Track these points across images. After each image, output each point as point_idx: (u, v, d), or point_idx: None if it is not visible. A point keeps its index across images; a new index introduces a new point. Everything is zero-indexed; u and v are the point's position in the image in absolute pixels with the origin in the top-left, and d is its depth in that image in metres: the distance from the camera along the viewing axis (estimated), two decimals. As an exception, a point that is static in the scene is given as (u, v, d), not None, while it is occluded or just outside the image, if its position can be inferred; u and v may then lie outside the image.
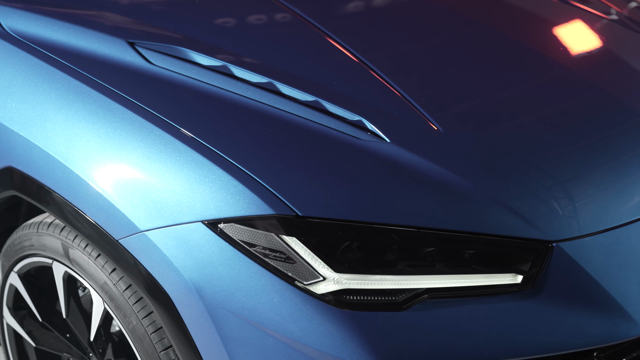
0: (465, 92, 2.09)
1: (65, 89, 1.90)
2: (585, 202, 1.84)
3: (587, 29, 2.59)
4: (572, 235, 1.78)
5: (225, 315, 1.68)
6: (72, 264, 1.95)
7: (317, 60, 2.08)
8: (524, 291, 1.72)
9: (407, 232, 1.68)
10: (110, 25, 2.10)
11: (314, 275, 1.65)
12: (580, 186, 1.86)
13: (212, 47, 2.04)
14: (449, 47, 2.31)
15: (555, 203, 1.80)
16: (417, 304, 1.66)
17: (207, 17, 2.24)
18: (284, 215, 1.65)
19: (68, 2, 2.21)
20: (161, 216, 1.72)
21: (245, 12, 2.28)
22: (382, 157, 1.78)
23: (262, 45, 2.12)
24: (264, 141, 1.78)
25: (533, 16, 2.62)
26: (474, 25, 2.47)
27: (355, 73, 2.03)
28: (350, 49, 2.11)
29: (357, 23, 2.34)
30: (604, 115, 2.11)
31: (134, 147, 1.78)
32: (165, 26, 2.13)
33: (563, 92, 2.18)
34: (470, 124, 1.95)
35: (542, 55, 2.33)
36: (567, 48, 2.43)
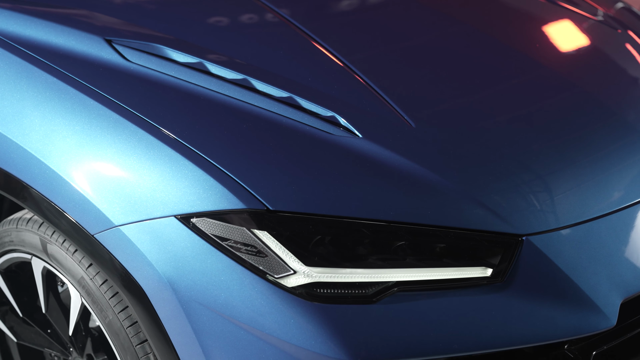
0: (441, 89, 2.11)
1: (43, 86, 1.92)
2: (556, 197, 1.86)
3: (572, 29, 2.61)
4: (542, 229, 1.80)
5: (198, 309, 1.70)
6: (51, 259, 1.97)
7: (292, 57, 2.10)
8: (493, 284, 1.74)
9: (377, 226, 1.70)
10: (88, 23, 2.11)
11: (285, 269, 1.67)
12: (550, 181, 1.88)
13: (190, 44, 2.06)
14: (427, 46, 2.33)
15: (525, 197, 1.82)
16: (387, 297, 1.68)
17: (186, 16, 2.26)
18: (255, 210, 1.67)
19: (46, 0, 2.23)
20: (135, 211, 1.74)
21: (223, 11, 2.30)
22: (354, 152, 1.80)
23: (239, 42, 2.14)
24: (237, 137, 1.80)
25: (519, 16, 2.64)
26: (454, 24, 2.49)
27: (331, 70, 2.05)
28: (327, 47, 2.13)
29: (334, 22, 2.36)
30: (580, 113, 2.13)
31: (109, 143, 1.80)
32: (143, 24, 2.15)
33: (540, 91, 2.20)
34: (444, 120, 1.97)
35: (525, 55, 2.35)
36: (547, 47, 2.45)
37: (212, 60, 2.00)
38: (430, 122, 1.93)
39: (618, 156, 2.01)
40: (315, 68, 2.06)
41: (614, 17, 2.74)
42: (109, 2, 2.27)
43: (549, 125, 2.05)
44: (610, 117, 2.14)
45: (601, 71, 2.38)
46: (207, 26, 2.22)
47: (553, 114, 2.10)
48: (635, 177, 1.99)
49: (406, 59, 2.22)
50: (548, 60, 2.37)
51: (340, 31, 2.28)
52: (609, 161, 1.98)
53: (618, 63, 2.46)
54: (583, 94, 2.22)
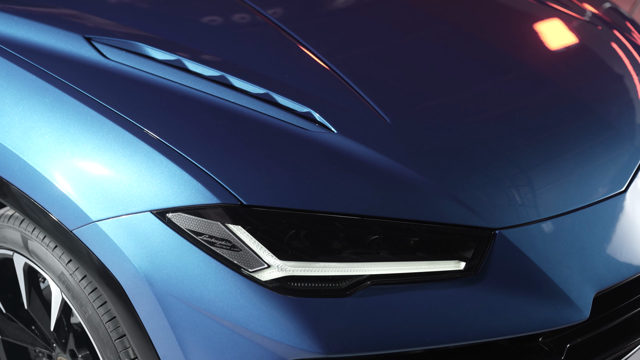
0: (418, 86, 2.12)
1: (22, 84, 1.94)
2: (529, 191, 1.88)
3: (551, 27, 2.62)
4: (515, 222, 1.82)
5: (174, 303, 1.72)
6: (31, 255, 1.99)
7: (270, 54, 2.11)
8: (466, 277, 1.76)
9: (350, 220, 1.72)
10: (68, 21, 2.13)
11: (259, 263, 1.69)
12: (524, 176, 1.90)
13: (169, 42, 2.08)
14: (407, 44, 2.34)
15: (498, 191, 1.84)
16: (360, 290, 1.70)
17: (164, 13, 2.28)
18: (229, 204, 1.69)
19: None
20: (112, 206, 1.76)
21: (202, 9, 2.31)
22: (328, 147, 1.82)
23: (218, 40, 2.16)
24: (213, 132, 1.82)
25: (504, 16, 2.65)
26: (436, 23, 2.51)
27: (307, 66, 2.07)
28: (305, 44, 2.14)
29: (313, 20, 2.38)
30: (557, 110, 2.14)
31: (87, 140, 1.81)
32: (123, 22, 2.16)
33: (518, 88, 2.21)
34: (419, 116, 1.98)
35: (504, 53, 2.37)
36: (530, 46, 2.46)
37: (190, 57, 2.01)
38: (406, 118, 1.95)
39: (593, 152, 2.03)
40: (292, 65, 2.07)
41: (597, 15, 2.76)
42: (89, 1, 2.28)
43: (524, 121, 2.06)
44: (587, 114, 2.15)
45: (581, 69, 2.40)
46: (186, 24, 2.23)
47: (530, 110, 2.12)
48: (609, 173, 2.01)
49: (385, 57, 2.24)
50: (528, 58, 2.39)
51: (319, 29, 2.30)
52: (584, 157, 2.00)
53: (599, 61, 2.48)
54: (560, 91, 2.23)
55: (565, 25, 2.63)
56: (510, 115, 2.08)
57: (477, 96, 2.13)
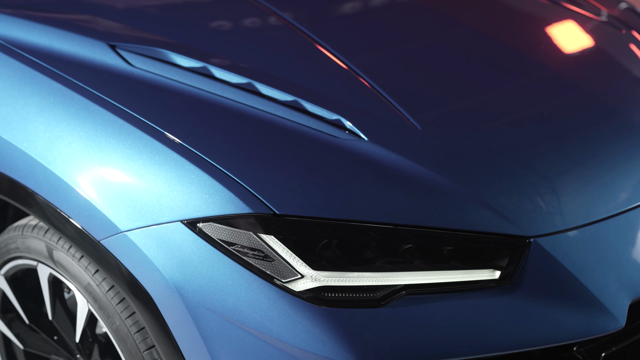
0: (445, 91, 2.10)
1: (47, 92, 1.92)
2: (563, 198, 1.85)
3: (575, 30, 2.60)
4: (550, 230, 1.79)
5: (206, 314, 1.69)
6: (57, 265, 1.96)
7: (296, 61, 2.09)
8: (501, 287, 1.73)
9: (384, 229, 1.69)
10: (92, 28, 2.11)
11: (292, 273, 1.66)
12: (557, 182, 1.88)
13: (193, 48, 2.06)
14: (431, 48, 2.32)
15: (532, 199, 1.82)
16: (395, 300, 1.67)
17: (188, 20, 2.26)
18: (261, 214, 1.67)
19: (49, 6, 2.23)
20: (141, 216, 1.73)
21: (226, 14, 2.29)
22: (360, 155, 1.80)
23: (243, 46, 2.14)
24: (243, 141, 1.79)
25: (522, 18, 2.63)
26: (461, 27, 2.49)
27: (335, 73, 2.05)
28: (330, 49, 2.12)
29: (337, 24, 2.35)
30: (585, 114, 2.13)
31: (114, 149, 1.79)
32: (146, 29, 2.14)
33: (545, 92, 2.19)
34: (449, 121, 1.96)
35: (525, 56, 2.35)
36: (551, 48, 2.44)
37: (216, 64, 1.99)
38: (436, 124, 1.93)
39: (624, 157, 2.00)
40: (319, 71, 2.05)
41: (617, 17, 2.74)
42: (112, 7, 2.26)
43: (554, 126, 2.04)
44: (615, 118, 2.13)
45: (605, 71, 2.38)
46: (210, 30, 2.21)
47: (558, 115, 2.10)
48: (642, 178, 1.99)
49: (410, 61, 2.22)
50: (552, 61, 2.37)
51: (344, 34, 2.27)
52: (615, 162, 1.97)
53: (622, 63, 2.46)
54: (588, 95, 2.22)
55: (588, 28, 2.61)
56: (538, 118, 2.05)
57: (503, 100, 2.11)
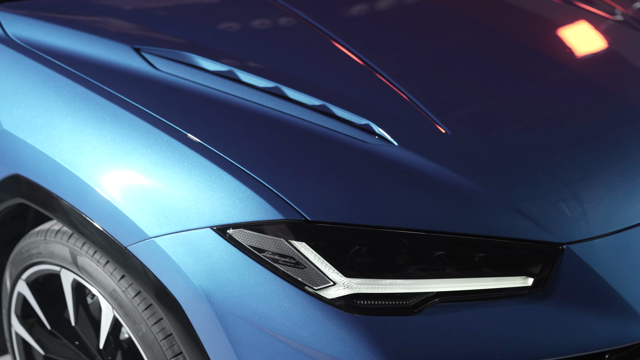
0: (472, 94, 2.08)
1: (72, 96, 1.90)
2: (595, 204, 1.83)
3: (592, 30, 2.58)
4: (582, 237, 1.77)
5: (236, 322, 1.67)
6: (81, 271, 1.94)
7: (323, 64, 2.07)
8: (534, 294, 1.71)
9: (416, 236, 1.67)
10: (116, 32, 2.09)
11: (324, 280, 1.64)
12: (589, 188, 1.86)
13: (218, 52, 2.04)
14: (454, 50, 2.30)
15: (564, 205, 1.80)
16: (428, 308, 1.65)
17: (212, 22, 2.24)
18: (293, 220, 1.65)
19: (72, 9, 2.21)
20: (169, 222, 1.71)
21: (250, 17, 2.27)
22: (390, 160, 1.77)
23: (268, 49, 2.12)
24: (272, 146, 1.77)
25: (537, 18, 2.61)
26: (478, 27, 2.47)
27: (362, 76, 2.03)
28: (356, 52, 2.10)
29: (362, 26, 2.33)
30: (611, 116, 2.10)
31: (142, 154, 1.77)
32: (170, 32, 2.12)
33: (569, 94, 2.17)
34: (478, 126, 1.94)
35: (547, 57, 2.33)
36: (572, 49, 2.42)
37: (242, 68, 1.97)
38: (465, 129, 1.90)
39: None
40: (346, 75, 2.03)
41: (633, 17, 2.72)
42: (135, 10, 2.24)
43: (582, 129, 2.02)
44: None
45: (627, 72, 2.36)
46: (235, 34, 2.19)
47: (584, 117, 2.08)
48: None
49: (433, 63, 2.20)
50: (573, 62, 2.35)
51: (369, 36, 2.25)
52: None
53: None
54: (611, 97, 2.19)
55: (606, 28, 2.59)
56: (565, 122, 2.03)
57: (529, 102, 2.08)
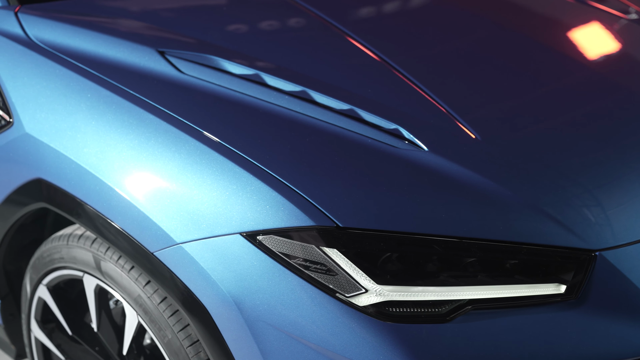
0: (497, 97, 2.06)
1: (96, 100, 1.88)
2: (627, 209, 1.81)
3: (610, 30, 2.57)
4: (615, 243, 1.75)
5: (265, 329, 1.65)
6: (105, 276, 1.92)
7: (349, 68, 2.05)
8: (567, 301, 1.69)
9: (449, 243, 1.65)
10: (139, 34, 2.07)
11: (355, 287, 1.62)
12: (620, 192, 1.83)
13: (243, 55, 2.02)
14: (476, 52, 2.28)
15: (597, 211, 1.77)
16: (460, 315, 1.63)
17: (236, 25, 2.22)
18: (324, 227, 1.63)
19: (94, 11, 2.19)
20: (198, 228, 1.69)
21: (275, 20, 2.25)
22: (421, 166, 1.75)
23: (293, 53, 2.10)
24: (301, 151, 1.75)
25: (555, 18, 2.60)
26: (497, 29, 2.45)
27: (389, 80, 2.00)
28: (383, 56, 2.08)
29: (387, 29, 2.31)
30: (637, 118, 2.08)
31: (169, 158, 1.75)
32: (194, 34, 2.10)
33: (591, 95, 2.15)
34: (506, 130, 1.92)
35: (567, 57, 2.31)
36: (590, 50, 2.40)
37: (268, 71, 1.95)
38: (495, 134, 1.88)
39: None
40: (373, 79, 2.01)
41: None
42: (158, 13, 2.22)
43: (609, 132, 2.00)
44: None
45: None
46: (259, 36, 2.17)
47: (609, 119, 2.05)
48: None
49: (457, 66, 2.17)
50: (593, 62, 2.33)
51: (392, 38, 2.23)
52: None
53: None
54: (633, 97, 2.17)
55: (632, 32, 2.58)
56: (593, 124, 2.01)
57: (555, 104, 2.06)
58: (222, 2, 2.39)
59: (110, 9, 2.22)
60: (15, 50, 2.03)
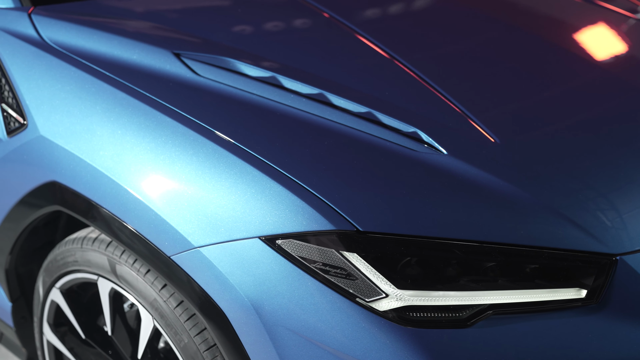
0: (513, 99, 2.05)
1: (112, 102, 1.86)
2: (648, 214, 1.80)
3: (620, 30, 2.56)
4: (633, 248, 1.74)
5: (285, 334, 1.64)
6: (120, 280, 1.90)
7: (364, 70, 2.04)
8: (588, 306, 1.68)
9: (469, 247, 1.64)
10: (154, 36, 2.06)
11: (375, 292, 1.61)
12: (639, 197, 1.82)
13: (258, 57, 2.00)
14: (489, 53, 2.28)
15: (617, 215, 1.76)
16: (481, 320, 1.62)
17: (252, 27, 2.20)
18: (344, 231, 1.61)
19: (108, 12, 2.18)
20: (216, 232, 1.68)
21: (291, 22, 2.24)
22: (441, 169, 1.74)
23: (308, 54, 2.08)
24: (319, 154, 1.74)
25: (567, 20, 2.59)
26: (510, 30, 2.44)
27: (406, 83, 1.99)
28: (399, 58, 2.07)
29: (400, 31, 2.30)
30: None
31: (186, 161, 1.74)
32: (209, 36, 2.09)
33: (607, 96, 2.14)
34: (525, 133, 1.90)
35: (581, 59, 2.30)
36: (603, 50, 2.39)
37: (284, 73, 1.94)
38: (513, 137, 1.87)
39: None
40: (390, 82, 2.00)
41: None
42: (173, 15, 2.21)
43: (627, 134, 1.99)
44: None
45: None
46: (274, 39, 2.16)
47: (627, 121, 2.04)
48: None
49: (474, 69, 2.16)
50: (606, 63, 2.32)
51: (408, 41, 2.22)
52: None
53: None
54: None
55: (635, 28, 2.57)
56: (610, 126, 1.99)
57: (572, 106, 2.05)
58: (235, 3, 2.37)
59: (124, 10, 2.21)
60: (29, 52, 2.02)
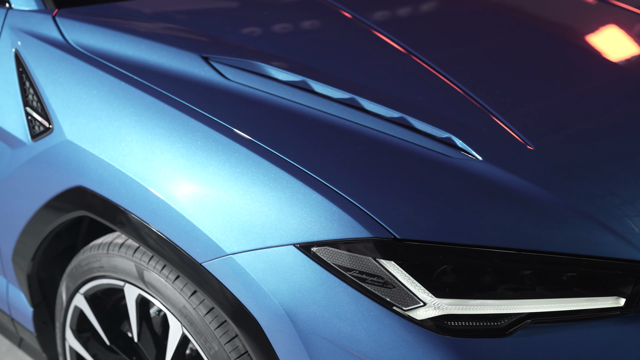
0: (545, 103, 2.02)
1: (140, 106, 1.84)
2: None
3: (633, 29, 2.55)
4: None
5: (320, 342, 1.61)
6: (148, 286, 1.88)
7: (397, 76, 2.01)
8: (626, 314, 1.66)
9: (509, 255, 1.61)
10: (182, 39, 2.03)
11: (413, 301, 1.58)
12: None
13: (288, 61, 1.98)
14: (514, 57, 2.25)
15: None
16: (520, 329, 1.60)
17: (280, 31, 2.18)
18: (381, 238, 1.59)
19: (134, 15, 2.15)
20: (249, 239, 1.65)
21: (320, 27, 2.22)
22: (477, 176, 1.72)
23: (339, 59, 2.06)
24: (353, 160, 1.71)
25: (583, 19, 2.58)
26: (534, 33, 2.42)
27: (438, 88, 1.97)
28: (430, 64, 2.04)
29: (429, 34, 2.28)
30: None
31: (218, 167, 1.71)
32: (237, 40, 2.07)
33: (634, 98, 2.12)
34: (559, 138, 1.88)
35: (610, 63, 2.28)
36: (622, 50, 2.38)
37: (314, 77, 1.91)
38: (549, 143, 1.85)
39: None
40: (422, 86, 1.97)
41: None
42: (201, 18, 2.18)
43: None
44: None
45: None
46: (302, 42, 2.13)
47: None
48: None
49: (504, 73, 2.14)
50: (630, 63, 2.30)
51: (439, 46, 2.20)
52: None
53: None
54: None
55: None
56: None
57: (602, 109, 2.03)
58: (261, 6, 2.35)
59: (150, 13, 2.18)
60: (54, 55, 2.00)
